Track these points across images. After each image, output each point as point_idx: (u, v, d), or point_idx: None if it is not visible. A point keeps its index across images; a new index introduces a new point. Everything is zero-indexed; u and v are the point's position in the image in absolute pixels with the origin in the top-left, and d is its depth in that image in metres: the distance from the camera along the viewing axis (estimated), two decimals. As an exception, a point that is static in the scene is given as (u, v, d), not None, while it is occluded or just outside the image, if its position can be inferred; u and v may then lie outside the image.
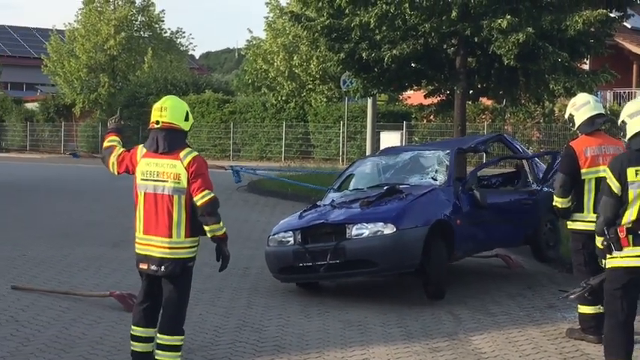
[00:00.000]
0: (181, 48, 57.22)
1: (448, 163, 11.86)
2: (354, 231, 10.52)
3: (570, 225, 8.98)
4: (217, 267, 7.62)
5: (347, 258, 10.47)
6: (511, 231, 12.09)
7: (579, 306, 8.77)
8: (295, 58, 41.91)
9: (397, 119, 37.81)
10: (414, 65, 21.58)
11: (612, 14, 20.20)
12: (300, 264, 10.78)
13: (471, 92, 22.20)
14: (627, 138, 7.29)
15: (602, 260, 7.37)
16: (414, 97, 37.12)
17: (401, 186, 11.55)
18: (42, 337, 8.55)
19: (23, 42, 72.66)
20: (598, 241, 7.32)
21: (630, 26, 36.07)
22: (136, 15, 54.53)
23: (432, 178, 11.79)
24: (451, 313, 10.01)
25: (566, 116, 9.25)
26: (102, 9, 53.39)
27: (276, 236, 11.24)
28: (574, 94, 18.23)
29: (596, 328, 8.50)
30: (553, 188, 9.44)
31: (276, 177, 26.08)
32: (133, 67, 54.11)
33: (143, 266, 7.44)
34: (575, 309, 9.13)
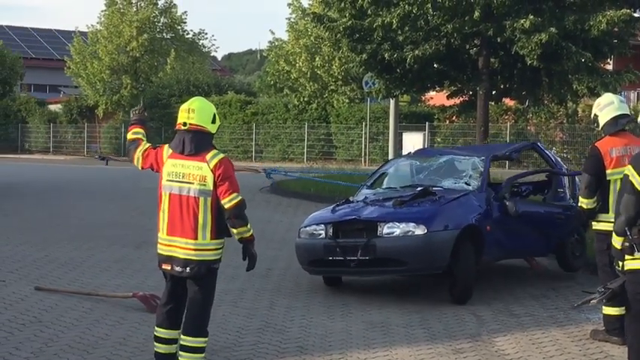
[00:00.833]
0: (203, 49, 57.32)
1: (482, 169, 11.86)
2: (386, 229, 10.56)
3: (595, 226, 8.95)
4: (240, 268, 7.63)
5: (377, 255, 10.50)
6: (541, 242, 12.08)
7: (604, 307, 8.70)
8: (317, 59, 41.94)
9: (419, 120, 37.78)
10: (437, 66, 21.60)
11: (636, 14, 20.14)
12: (330, 258, 10.82)
13: (494, 93, 22.20)
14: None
15: (618, 262, 7.10)
16: (437, 98, 37.08)
17: (434, 188, 11.56)
18: (65, 338, 8.57)
19: (46, 44, 73.02)
20: (617, 242, 7.05)
21: (654, 26, 35.80)
22: (159, 16, 54.66)
23: (466, 183, 11.78)
24: (474, 314, 9.98)
25: (592, 116, 9.23)
26: (124, 11, 53.55)
27: (307, 228, 11.27)
28: (597, 95, 18.23)
29: (620, 330, 8.42)
30: None
31: (311, 177, 26.01)
32: (156, 69, 54.30)
33: (166, 267, 7.42)
34: (599, 310, 9.07)
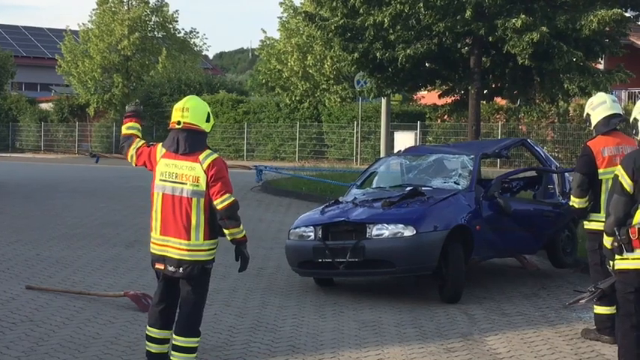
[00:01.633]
0: (195, 48, 57.17)
1: (471, 168, 11.85)
2: (375, 231, 10.56)
3: (587, 225, 8.96)
4: (231, 267, 7.62)
5: (366, 257, 10.51)
6: (531, 239, 12.07)
7: (595, 306, 8.72)
8: (309, 58, 41.92)
9: (411, 119, 37.83)
10: (428, 65, 21.60)
11: (627, 13, 20.17)
12: (319, 260, 10.82)
13: (485, 92, 22.19)
14: None
15: (609, 262, 7.22)
16: (428, 97, 37.10)
17: (423, 188, 11.56)
18: (56, 337, 8.55)
19: (37, 42, 72.84)
20: (607, 242, 7.17)
21: (645, 25, 35.89)
22: (150, 15, 54.49)
23: (455, 182, 11.77)
24: (466, 314, 9.98)
25: (584, 116, 9.25)
26: (116, 9, 53.39)
27: (297, 230, 11.27)
28: (589, 94, 18.26)
29: (612, 329, 8.45)
30: None
31: (304, 176, 26.06)
32: (147, 68, 54.14)
33: (159, 266, 7.40)
34: (590, 309, 9.09)
